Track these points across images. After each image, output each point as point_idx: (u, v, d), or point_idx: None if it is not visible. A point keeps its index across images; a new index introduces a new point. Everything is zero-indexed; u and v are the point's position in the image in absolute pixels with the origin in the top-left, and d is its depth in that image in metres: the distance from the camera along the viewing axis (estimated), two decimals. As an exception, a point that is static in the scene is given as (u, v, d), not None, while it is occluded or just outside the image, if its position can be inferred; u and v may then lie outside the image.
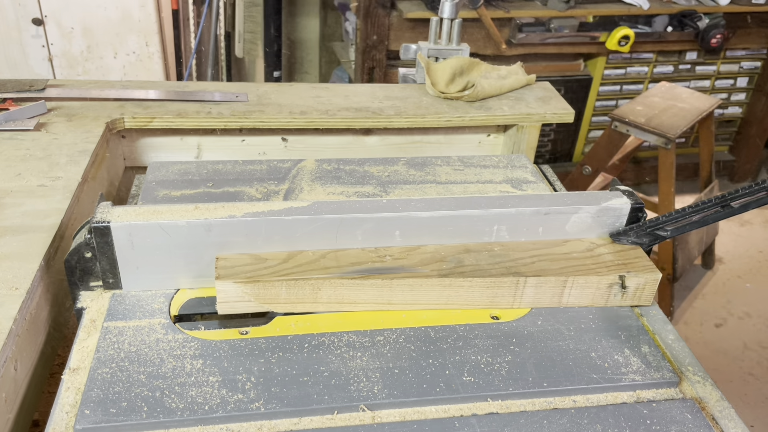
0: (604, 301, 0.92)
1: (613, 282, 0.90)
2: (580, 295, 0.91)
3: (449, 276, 0.88)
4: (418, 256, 0.92)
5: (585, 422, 0.76)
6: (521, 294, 0.90)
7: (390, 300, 0.89)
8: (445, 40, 1.54)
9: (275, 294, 0.86)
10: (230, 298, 0.85)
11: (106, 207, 0.88)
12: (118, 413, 0.72)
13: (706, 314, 2.85)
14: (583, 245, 0.96)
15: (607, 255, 0.94)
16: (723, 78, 3.53)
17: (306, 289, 0.86)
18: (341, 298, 0.88)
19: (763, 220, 3.54)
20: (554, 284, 0.89)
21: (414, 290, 0.88)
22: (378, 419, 0.75)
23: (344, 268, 0.89)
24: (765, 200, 0.87)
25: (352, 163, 1.22)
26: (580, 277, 0.89)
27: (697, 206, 0.91)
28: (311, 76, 3.67)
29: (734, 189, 0.89)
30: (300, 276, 0.86)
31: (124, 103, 1.34)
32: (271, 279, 0.85)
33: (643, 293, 0.92)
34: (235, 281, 0.85)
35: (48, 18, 2.87)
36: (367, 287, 0.87)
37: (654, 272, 0.91)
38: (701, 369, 0.86)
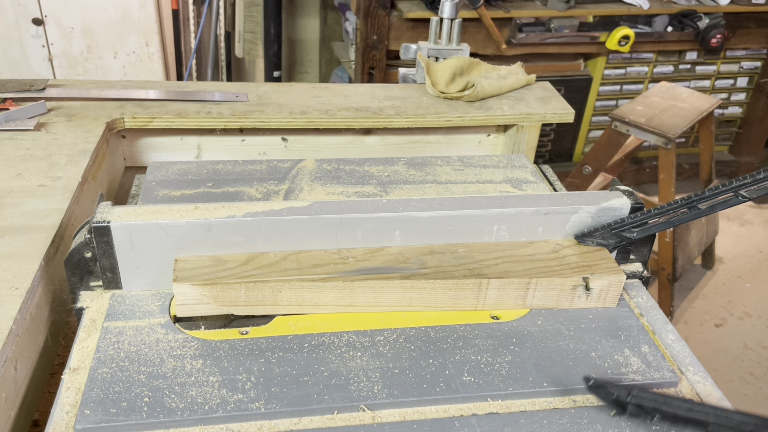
0: (569, 303, 0.91)
1: (577, 284, 0.89)
2: (544, 297, 0.90)
3: (411, 278, 0.88)
4: (381, 258, 0.91)
5: (585, 422, 0.76)
6: (484, 296, 0.89)
7: (352, 302, 0.88)
8: (445, 40, 1.54)
9: (234, 296, 0.85)
10: (189, 300, 0.85)
11: (106, 207, 0.88)
12: (118, 413, 0.72)
13: (706, 314, 2.85)
14: (549, 247, 0.95)
15: (572, 257, 0.93)
16: (723, 78, 3.53)
17: (266, 292, 0.85)
18: (302, 301, 0.87)
19: (763, 220, 3.54)
20: (517, 286, 0.89)
21: (376, 292, 0.87)
22: (378, 419, 0.75)
23: (305, 270, 0.88)
24: (732, 202, 0.87)
25: (352, 163, 1.22)
26: (544, 279, 0.89)
27: (664, 208, 0.91)
28: (311, 76, 3.67)
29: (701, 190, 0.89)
30: (260, 278, 0.85)
31: (124, 103, 1.34)
32: (229, 281, 0.85)
33: (608, 295, 0.91)
34: (193, 284, 0.84)
35: (48, 18, 2.87)
36: (327, 289, 0.86)
37: (618, 274, 0.90)
38: (701, 369, 0.86)
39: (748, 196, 0.86)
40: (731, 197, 0.87)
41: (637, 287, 1.00)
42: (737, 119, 3.73)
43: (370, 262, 0.90)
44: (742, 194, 0.86)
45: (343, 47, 3.36)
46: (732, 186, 0.85)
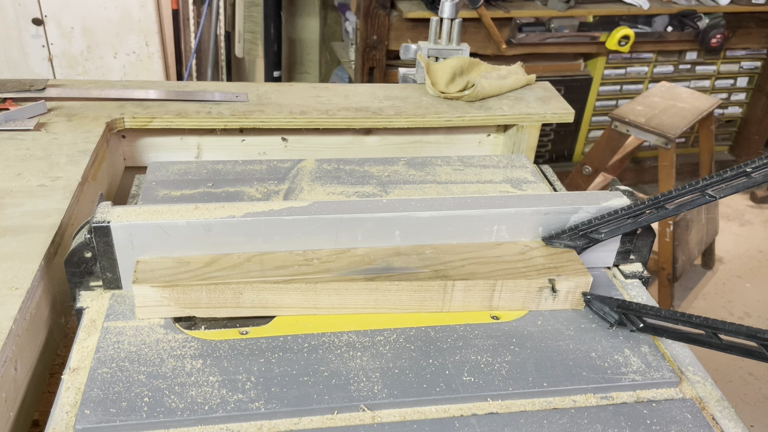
0: (536, 305, 0.91)
1: (543, 285, 0.89)
2: (510, 299, 0.90)
3: (375, 280, 0.87)
4: (346, 260, 0.90)
5: (585, 422, 0.76)
6: (450, 298, 0.89)
7: (316, 304, 0.87)
8: (445, 40, 1.54)
9: (196, 298, 0.84)
10: (149, 302, 0.84)
11: (106, 207, 0.88)
12: (118, 413, 0.72)
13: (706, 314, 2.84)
14: (516, 248, 0.95)
15: (539, 258, 0.93)
16: (723, 78, 3.53)
17: (227, 294, 0.85)
18: (265, 303, 0.86)
19: (763, 220, 3.54)
20: (483, 288, 0.88)
21: (340, 294, 0.87)
22: (378, 419, 0.75)
23: (268, 272, 0.87)
24: (699, 201, 0.87)
25: (352, 163, 1.22)
26: (509, 281, 0.88)
27: (631, 208, 0.91)
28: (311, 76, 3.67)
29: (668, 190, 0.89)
30: (221, 280, 0.85)
31: (124, 103, 1.34)
32: (190, 283, 0.84)
33: (575, 297, 0.91)
34: (153, 285, 0.83)
35: (48, 18, 2.87)
36: (291, 291, 0.86)
37: (585, 276, 0.90)
38: (701, 369, 0.86)
39: (714, 195, 0.86)
40: (698, 197, 0.87)
41: (637, 287, 1.00)
42: (737, 119, 3.73)
43: (335, 263, 0.90)
44: (708, 194, 0.86)
45: (343, 47, 3.36)
46: (699, 186, 0.85)
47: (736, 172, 0.84)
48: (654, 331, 0.85)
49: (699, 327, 0.78)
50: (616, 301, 0.87)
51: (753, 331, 0.72)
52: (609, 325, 0.88)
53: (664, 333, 0.85)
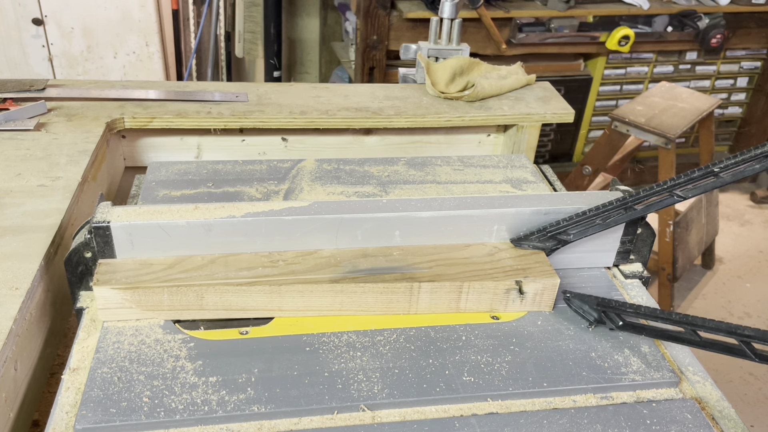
0: (503, 307, 0.90)
1: (510, 287, 0.89)
2: (477, 301, 0.89)
3: (341, 282, 0.86)
4: (312, 261, 0.90)
5: (585, 422, 0.76)
6: (417, 299, 0.88)
7: (280, 306, 0.86)
8: (445, 40, 1.54)
9: (158, 301, 0.84)
10: (111, 304, 0.83)
11: (106, 207, 0.88)
12: (118, 413, 0.72)
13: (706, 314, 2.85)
14: (485, 249, 0.94)
15: (507, 260, 0.92)
16: (723, 78, 3.53)
17: (190, 296, 0.84)
18: (229, 305, 0.85)
19: (763, 220, 3.54)
20: (449, 289, 0.88)
21: (305, 296, 0.86)
22: (378, 419, 0.75)
23: (232, 274, 0.86)
24: (667, 201, 0.87)
25: (352, 163, 1.22)
26: (476, 282, 0.88)
27: (599, 209, 0.90)
28: (311, 76, 3.67)
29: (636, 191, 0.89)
30: (183, 282, 0.84)
31: (124, 103, 1.34)
32: (152, 285, 0.83)
33: (543, 299, 0.90)
34: (113, 287, 0.82)
35: (48, 18, 2.87)
36: (254, 293, 0.85)
37: (552, 277, 0.89)
38: (701, 369, 0.86)
39: (683, 195, 0.86)
40: (666, 197, 0.87)
41: (637, 287, 1.00)
42: (737, 119, 3.73)
43: (301, 265, 0.89)
44: (677, 194, 0.86)
45: (343, 47, 3.36)
46: (667, 186, 0.85)
47: (703, 172, 0.84)
48: (633, 329, 0.85)
49: (678, 324, 0.78)
50: (595, 299, 0.87)
51: (733, 328, 0.72)
52: (588, 324, 0.88)
53: (643, 331, 0.84)
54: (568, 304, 0.89)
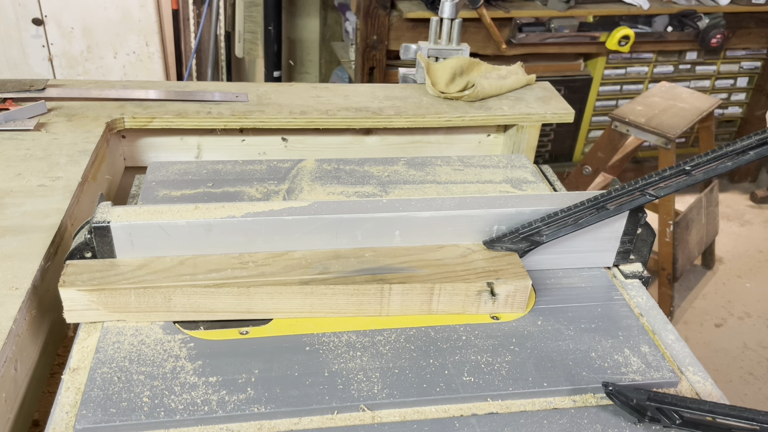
0: (476, 309, 0.89)
1: (482, 289, 0.88)
2: (449, 302, 0.89)
3: (310, 284, 0.86)
4: (283, 263, 0.89)
5: (585, 422, 0.76)
6: (388, 301, 0.88)
7: (249, 308, 0.86)
8: (445, 40, 1.54)
9: (125, 302, 0.83)
10: (77, 306, 0.83)
11: (106, 207, 0.88)
12: (118, 413, 0.72)
13: (706, 314, 2.85)
14: (458, 251, 0.94)
15: (479, 261, 0.92)
16: (723, 78, 3.53)
17: (157, 297, 0.83)
18: (197, 307, 0.85)
19: (763, 220, 3.54)
20: (421, 291, 0.87)
21: (274, 298, 0.85)
22: (378, 419, 0.75)
23: (200, 275, 0.86)
24: (639, 200, 0.87)
25: (352, 163, 1.22)
26: (447, 284, 0.87)
27: (571, 210, 0.90)
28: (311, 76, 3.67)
29: (608, 191, 0.88)
30: (150, 284, 0.83)
31: (124, 103, 1.34)
32: (118, 287, 0.82)
33: (515, 300, 0.90)
34: (80, 289, 0.82)
35: (48, 18, 2.87)
36: (222, 295, 0.84)
37: (524, 279, 0.89)
38: (701, 369, 0.86)
39: (654, 194, 0.86)
40: (638, 196, 0.87)
41: (637, 287, 1.00)
42: (737, 119, 3.73)
43: (271, 267, 0.88)
44: (649, 192, 0.86)
45: (343, 47, 3.36)
46: (638, 185, 0.85)
47: (675, 170, 0.84)
48: (695, 427, 0.75)
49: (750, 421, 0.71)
50: (646, 393, 0.76)
51: None
52: (636, 421, 0.77)
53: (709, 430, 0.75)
54: (611, 398, 0.79)
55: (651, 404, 0.75)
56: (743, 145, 0.82)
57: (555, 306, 0.93)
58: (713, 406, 0.72)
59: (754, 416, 0.70)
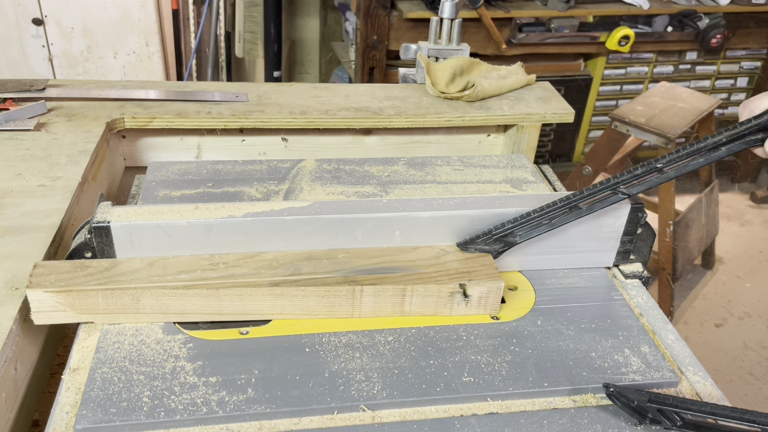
0: (449, 310, 0.89)
1: (454, 290, 0.87)
2: (421, 304, 0.88)
3: (281, 285, 0.85)
4: (254, 264, 0.88)
5: (585, 422, 0.76)
6: (359, 303, 0.87)
7: (219, 310, 0.85)
8: (445, 40, 1.54)
9: (93, 304, 0.82)
10: (45, 307, 0.82)
11: (106, 207, 0.88)
12: (118, 413, 0.72)
13: (706, 314, 2.85)
14: (432, 252, 0.93)
15: (453, 263, 0.91)
16: (723, 78, 3.53)
17: (125, 299, 0.83)
18: (166, 308, 0.84)
19: (763, 220, 3.54)
20: (393, 293, 0.87)
21: (244, 300, 0.85)
22: (378, 419, 0.75)
23: (169, 276, 0.85)
24: (612, 199, 0.87)
25: (352, 163, 1.22)
26: (419, 286, 0.87)
27: (544, 210, 0.89)
28: (311, 76, 3.67)
29: (580, 190, 0.88)
30: (118, 285, 0.83)
31: (124, 103, 1.34)
32: (86, 288, 0.82)
33: (488, 302, 0.89)
34: (47, 290, 0.81)
35: (48, 18, 2.87)
36: (192, 297, 0.84)
37: (497, 280, 0.88)
38: (701, 369, 0.86)
39: (627, 192, 0.86)
40: (610, 194, 0.87)
41: (637, 287, 1.00)
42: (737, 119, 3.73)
43: (241, 268, 0.87)
44: (621, 191, 0.86)
45: (343, 47, 3.36)
46: (610, 184, 0.85)
47: (647, 168, 0.84)
48: (696, 429, 0.75)
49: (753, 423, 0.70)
50: (647, 395, 0.76)
51: None
52: (637, 422, 0.77)
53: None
54: (612, 399, 0.78)
55: (652, 406, 0.75)
56: (714, 141, 0.82)
57: (555, 306, 0.93)
58: (714, 408, 0.72)
59: (755, 418, 0.70)
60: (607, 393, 0.78)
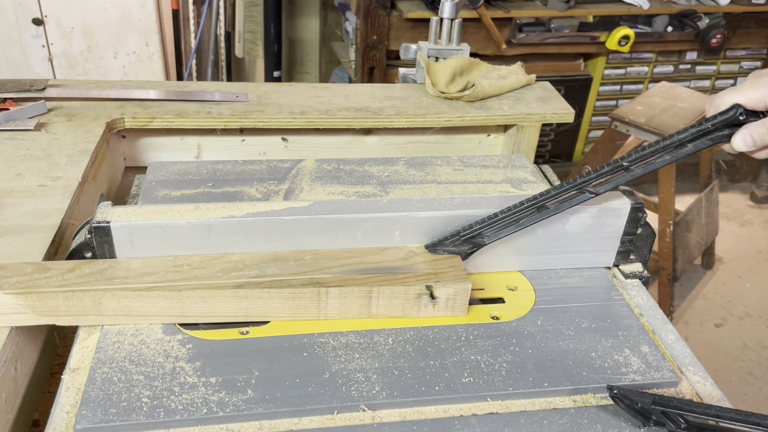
0: (416, 312, 0.88)
1: (421, 292, 0.87)
2: (388, 306, 0.88)
3: (245, 287, 0.84)
4: (218, 266, 0.88)
5: (585, 422, 0.76)
6: (326, 305, 0.86)
7: (183, 312, 0.84)
8: (445, 40, 1.54)
9: (53, 306, 0.82)
10: (6, 309, 0.81)
11: (106, 207, 0.88)
12: (118, 413, 0.72)
13: (706, 314, 2.85)
14: (400, 254, 0.92)
15: (421, 264, 0.90)
16: (723, 78, 3.53)
17: (86, 301, 0.82)
18: (128, 311, 0.83)
19: (763, 220, 3.54)
20: (359, 295, 0.86)
21: (207, 302, 0.84)
22: (378, 419, 0.75)
23: (130, 279, 0.84)
24: (579, 198, 0.87)
25: (352, 163, 1.22)
26: (386, 287, 0.86)
27: (511, 210, 0.89)
28: (311, 76, 3.67)
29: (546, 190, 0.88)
30: (79, 287, 0.82)
31: (124, 103, 1.34)
32: (46, 290, 0.81)
33: (456, 303, 0.89)
34: (6, 292, 0.80)
35: (48, 18, 2.87)
36: (154, 299, 0.83)
37: (464, 282, 0.87)
38: (701, 369, 0.86)
39: (594, 191, 0.86)
40: (577, 194, 0.87)
41: (637, 287, 1.00)
42: (737, 119, 3.73)
43: (206, 270, 0.87)
44: (588, 190, 0.87)
45: (343, 47, 3.36)
46: (576, 183, 0.85)
47: (613, 166, 0.84)
48: (700, 431, 0.74)
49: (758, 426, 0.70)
50: (651, 397, 0.75)
51: None
52: (641, 424, 0.76)
53: None
54: (615, 401, 0.78)
55: (656, 408, 0.75)
56: (680, 138, 0.82)
57: (555, 306, 0.93)
58: (719, 411, 0.72)
59: (759, 420, 0.70)
60: (611, 395, 0.78)
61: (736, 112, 0.79)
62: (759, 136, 0.79)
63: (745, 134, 0.79)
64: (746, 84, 0.81)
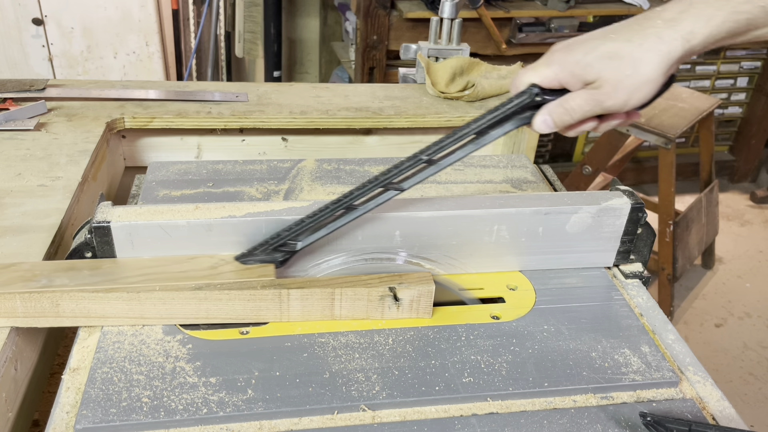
0: (380, 314, 0.88)
1: (385, 294, 0.87)
2: (352, 308, 0.87)
3: (204, 288, 0.83)
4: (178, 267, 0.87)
5: (585, 422, 0.76)
6: (287, 307, 0.86)
7: (142, 314, 0.83)
8: (445, 40, 1.54)
9: (11, 307, 0.80)
10: None
11: (106, 207, 0.88)
12: (118, 413, 0.72)
13: (706, 314, 2.85)
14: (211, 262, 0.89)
15: (228, 274, 0.87)
16: (723, 78, 3.53)
17: (44, 303, 0.81)
18: (87, 312, 0.82)
19: (763, 220, 3.54)
20: (321, 296, 0.86)
21: (167, 303, 0.83)
22: (378, 419, 0.75)
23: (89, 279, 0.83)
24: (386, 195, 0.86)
25: (352, 163, 1.22)
26: (348, 289, 0.86)
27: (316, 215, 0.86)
28: (311, 76, 3.67)
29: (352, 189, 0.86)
30: (36, 288, 0.81)
31: (124, 103, 1.34)
32: (3, 291, 0.80)
33: (420, 305, 0.88)
34: None
35: (48, 18, 2.87)
36: (113, 301, 0.82)
37: (428, 284, 0.87)
38: (701, 369, 0.86)
39: (399, 188, 0.86)
40: (382, 191, 0.86)
41: (637, 287, 1.00)
42: (737, 119, 3.73)
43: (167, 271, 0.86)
44: (393, 186, 0.85)
45: (343, 47, 3.36)
46: (380, 181, 0.84)
47: (413, 161, 0.83)
48: None
49: None
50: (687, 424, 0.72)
51: None
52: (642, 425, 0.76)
53: None
54: (649, 428, 0.74)
55: None
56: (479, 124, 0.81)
57: (555, 306, 0.93)
58: None
59: None
60: (644, 422, 0.76)
61: (532, 92, 0.76)
62: (558, 116, 0.75)
63: (545, 116, 0.76)
64: (540, 61, 0.76)
